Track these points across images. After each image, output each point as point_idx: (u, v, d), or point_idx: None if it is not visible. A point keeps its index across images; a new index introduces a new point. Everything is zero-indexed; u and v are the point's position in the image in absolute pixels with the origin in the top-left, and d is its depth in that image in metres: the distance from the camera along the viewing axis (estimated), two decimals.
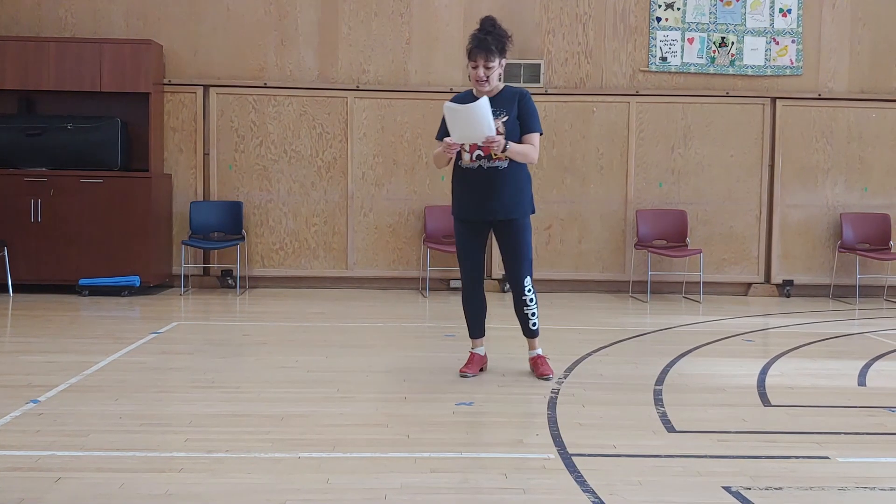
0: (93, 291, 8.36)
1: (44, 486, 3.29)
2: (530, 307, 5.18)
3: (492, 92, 4.98)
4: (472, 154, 4.97)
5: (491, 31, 4.91)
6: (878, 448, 3.99)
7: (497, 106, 4.93)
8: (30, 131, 8.56)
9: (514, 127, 4.96)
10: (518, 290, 5.15)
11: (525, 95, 5.07)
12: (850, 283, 9.15)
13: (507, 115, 4.95)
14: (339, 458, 3.68)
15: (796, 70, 9.30)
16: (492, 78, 4.95)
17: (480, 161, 4.96)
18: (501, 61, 4.98)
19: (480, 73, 4.91)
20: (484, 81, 4.93)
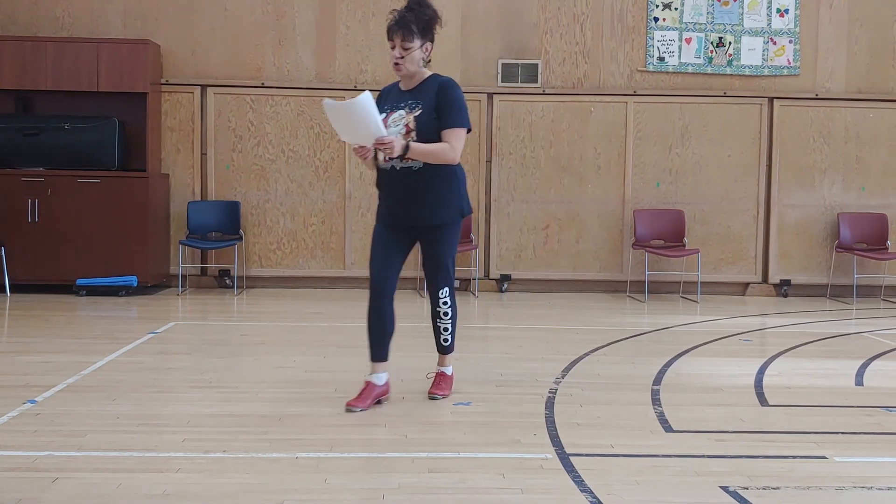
0: (90, 291, 8.35)
1: (41, 487, 3.29)
2: (444, 321, 4.65)
3: (412, 79, 4.41)
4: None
5: (414, 9, 4.33)
6: (876, 448, 4.00)
7: (414, 97, 4.38)
8: (27, 131, 8.55)
9: (430, 123, 4.33)
10: (435, 301, 4.66)
11: (446, 85, 4.40)
12: (848, 283, 9.16)
13: (422, 109, 4.34)
14: (336, 458, 3.68)
15: (793, 70, 9.31)
16: (408, 61, 4.32)
17: (392, 161, 4.37)
18: (425, 44, 4.37)
19: (396, 53, 4.32)
20: (399, 64, 4.33)
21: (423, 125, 4.32)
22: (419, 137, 4.29)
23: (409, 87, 4.44)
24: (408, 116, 4.34)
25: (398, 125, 4.32)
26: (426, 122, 4.32)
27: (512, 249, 9.27)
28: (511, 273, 9.25)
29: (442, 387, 4.71)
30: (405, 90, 4.44)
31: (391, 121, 4.34)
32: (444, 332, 4.69)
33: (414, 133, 4.30)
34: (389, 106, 4.42)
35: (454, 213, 4.48)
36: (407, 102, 4.38)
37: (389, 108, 4.41)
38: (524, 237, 9.26)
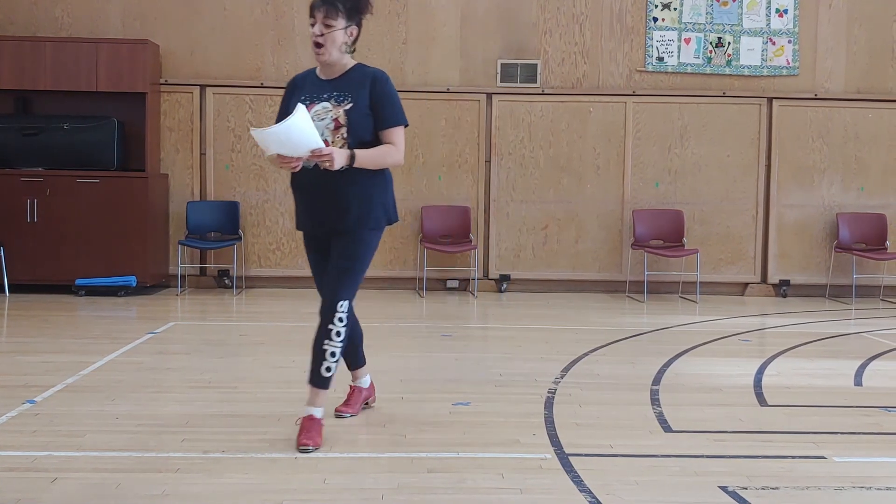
0: (89, 291, 8.35)
1: (40, 487, 3.29)
2: (334, 342, 3.87)
3: (334, 67, 3.95)
4: None
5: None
6: (875, 448, 4.00)
7: (339, 89, 3.90)
8: (26, 131, 8.54)
9: (363, 119, 3.87)
10: (329, 314, 3.87)
11: (380, 78, 4.01)
12: (847, 283, 9.17)
13: (353, 103, 3.87)
14: (336, 458, 3.68)
15: (793, 70, 9.31)
16: (330, 42, 3.88)
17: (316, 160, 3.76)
18: (350, 27, 3.95)
19: (315, 31, 3.85)
20: (320, 45, 3.87)
21: (355, 121, 3.84)
22: (351, 135, 3.81)
23: (331, 75, 3.96)
24: (335, 110, 3.84)
25: (324, 119, 3.82)
26: (359, 118, 3.86)
27: (511, 249, 9.27)
28: (510, 273, 9.25)
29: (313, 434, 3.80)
30: (326, 79, 3.96)
31: (313, 113, 3.80)
32: (330, 359, 3.86)
33: (345, 129, 3.81)
34: (307, 96, 3.90)
35: (382, 218, 3.96)
36: (331, 94, 3.88)
37: (308, 98, 3.89)
38: (523, 237, 9.26)
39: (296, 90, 3.99)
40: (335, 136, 3.81)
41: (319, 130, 3.73)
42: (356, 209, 3.87)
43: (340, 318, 3.89)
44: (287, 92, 4.05)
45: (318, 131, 3.71)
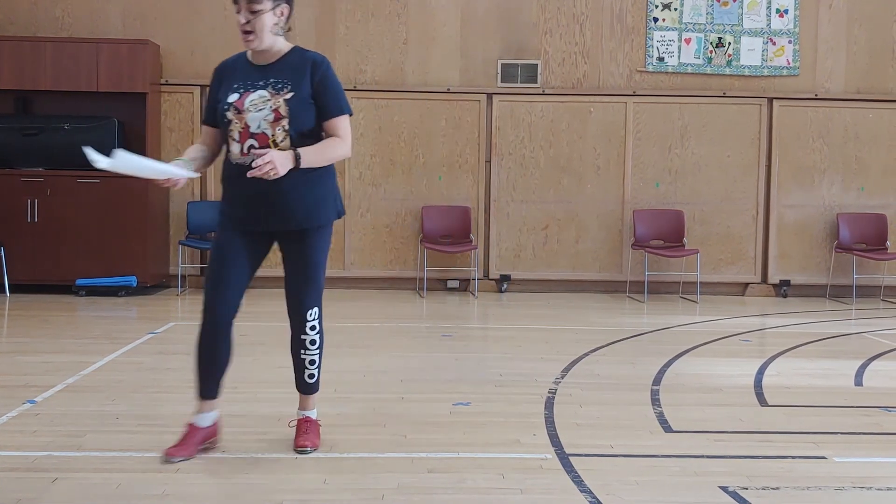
0: (89, 292, 8.35)
1: (41, 487, 3.29)
2: (310, 351, 3.79)
3: (267, 53, 3.57)
4: (243, 145, 3.50)
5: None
6: (875, 448, 4.00)
7: (276, 75, 3.54)
8: (26, 131, 8.55)
9: (305, 109, 3.51)
10: (299, 325, 3.79)
11: (322, 63, 3.61)
12: (847, 283, 9.16)
13: (294, 91, 3.50)
14: (336, 458, 3.68)
15: (793, 70, 9.31)
16: (259, 27, 3.51)
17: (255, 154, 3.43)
18: (279, 6, 3.55)
19: (241, 18, 3.54)
20: (248, 32, 3.53)
21: (297, 112, 3.49)
22: (292, 126, 3.47)
23: (265, 61, 3.58)
24: (274, 99, 3.47)
25: (262, 109, 3.47)
26: (301, 108, 3.50)
27: (511, 250, 9.27)
28: (510, 273, 9.25)
29: (311, 436, 3.78)
30: (259, 65, 3.59)
31: (249, 103, 3.48)
32: (310, 367, 3.80)
33: (286, 121, 3.46)
34: (240, 84, 3.55)
35: (331, 213, 3.70)
36: (268, 81, 3.52)
37: (241, 86, 3.54)
38: (523, 237, 9.26)
39: (224, 78, 3.62)
40: (275, 128, 3.46)
41: (256, 122, 3.46)
42: (304, 210, 3.58)
43: (313, 326, 3.79)
44: (214, 80, 3.66)
45: (255, 123, 3.46)
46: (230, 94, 3.53)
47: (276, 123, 3.47)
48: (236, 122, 3.49)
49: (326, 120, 3.56)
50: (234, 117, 3.49)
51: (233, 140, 3.51)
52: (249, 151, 3.45)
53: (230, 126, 3.50)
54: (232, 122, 3.50)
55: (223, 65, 3.69)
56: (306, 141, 3.50)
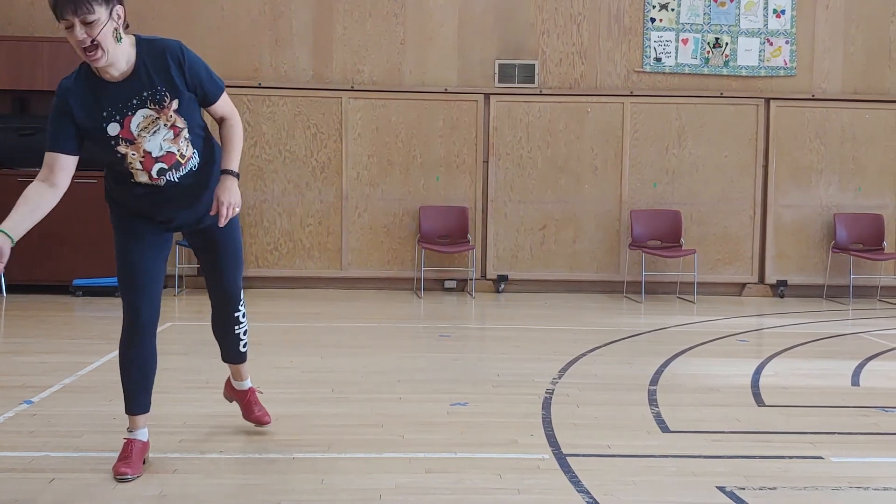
0: (87, 292, 8.34)
1: (37, 488, 3.29)
2: (242, 324, 3.82)
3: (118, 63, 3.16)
4: (150, 172, 3.30)
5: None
6: (872, 448, 4.00)
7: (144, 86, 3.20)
8: (23, 131, 8.54)
9: (193, 106, 3.32)
10: (234, 305, 3.74)
11: (178, 50, 3.26)
12: (844, 284, 9.17)
13: (173, 95, 3.23)
14: (333, 458, 3.68)
15: (790, 71, 9.32)
16: (102, 39, 3.06)
17: (170, 174, 3.32)
18: (115, 9, 3.09)
19: (79, 36, 3.03)
20: (94, 48, 3.06)
21: (188, 115, 3.30)
22: (191, 133, 3.32)
23: (121, 72, 3.19)
24: (164, 115, 3.23)
25: (156, 132, 3.25)
26: (190, 109, 3.30)
27: (509, 250, 9.27)
28: (508, 273, 9.25)
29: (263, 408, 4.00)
30: (119, 80, 3.19)
31: (137, 129, 3.22)
32: (245, 336, 3.86)
33: (185, 130, 3.29)
34: (111, 110, 3.21)
35: None
36: (140, 96, 3.20)
37: (114, 111, 3.21)
38: (521, 237, 9.26)
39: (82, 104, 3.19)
40: (177, 144, 3.29)
41: (157, 146, 3.24)
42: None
43: (243, 302, 3.80)
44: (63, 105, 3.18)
45: (156, 147, 3.24)
46: (106, 124, 3.20)
47: (178, 139, 3.29)
48: (133, 153, 3.24)
49: (213, 104, 3.37)
50: (129, 149, 3.24)
51: (136, 170, 3.28)
52: (160, 175, 3.29)
53: (126, 159, 3.25)
54: (128, 155, 3.25)
55: (68, 89, 3.20)
56: (201, 134, 3.38)
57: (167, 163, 3.29)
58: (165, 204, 3.38)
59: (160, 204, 3.38)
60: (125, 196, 3.41)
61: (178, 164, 3.32)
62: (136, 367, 3.45)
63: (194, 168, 3.38)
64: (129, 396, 3.49)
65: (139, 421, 3.52)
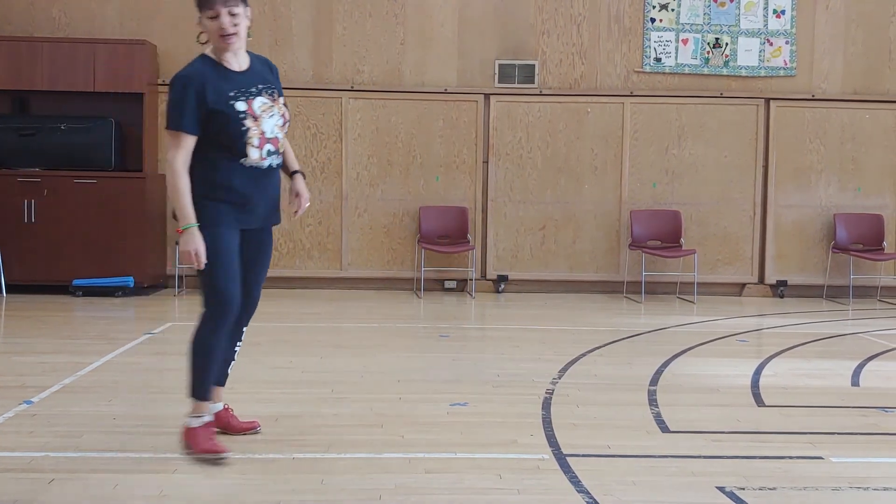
0: (86, 292, 8.34)
1: (37, 488, 3.29)
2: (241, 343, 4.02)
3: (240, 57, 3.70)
4: (262, 150, 3.66)
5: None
6: (872, 448, 4.00)
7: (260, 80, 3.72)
8: (23, 132, 8.53)
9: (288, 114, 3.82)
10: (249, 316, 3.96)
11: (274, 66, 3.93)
12: (844, 284, 9.17)
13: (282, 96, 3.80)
14: (333, 458, 3.68)
15: (790, 71, 9.32)
16: (239, 30, 3.62)
17: (271, 157, 3.70)
18: (248, 12, 3.68)
19: (224, 22, 3.57)
20: (232, 35, 3.59)
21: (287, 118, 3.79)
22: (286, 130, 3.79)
23: (240, 66, 3.68)
24: (276, 105, 3.71)
25: (272, 115, 3.67)
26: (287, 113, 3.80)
27: (509, 250, 9.27)
28: (508, 273, 9.25)
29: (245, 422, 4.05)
30: (238, 70, 3.67)
31: (259, 108, 3.64)
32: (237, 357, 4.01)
33: (286, 125, 3.77)
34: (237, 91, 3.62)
35: None
36: (257, 86, 3.68)
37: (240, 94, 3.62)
38: (521, 238, 9.26)
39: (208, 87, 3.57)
40: (282, 132, 3.74)
41: (270, 128, 3.66)
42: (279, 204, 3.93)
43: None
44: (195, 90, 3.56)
45: (269, 129, 3.65)
46: (234, 102, 3.59)
47: (283, 128, 3.74)
48: (254, 128, 3.62)
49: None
50: (252, 125, 3.61)
51: (251, 146, 3.62)
52: (268, 156, 3.67)
53: (248, 133, 3.60)
54: (250, 130, 3.61)
55: (194, 74, 3.62)
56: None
57: (274, 145, 3.70)
58: (261, 186, 3.72)
59: (258, 184, 3.70)
60: (231, 177, 3.64)
61: (277, 152, 3.73)
62: (220, 352, 3.74)
63: (280, 163, 3.80)
64: (206, 380, 3.72)
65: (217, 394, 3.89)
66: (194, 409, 3.72)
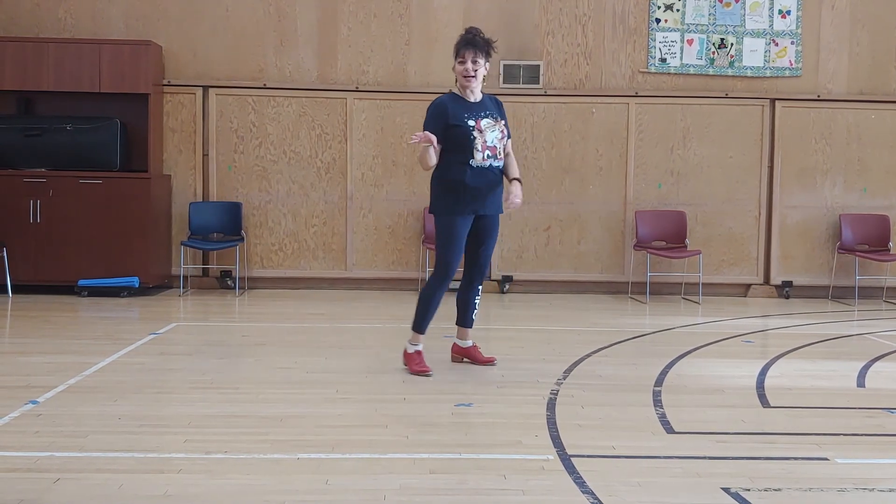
0: (92, 292, 8.35)
1: (42, 487, 3.29)
2: (479, 297, 5.55)
3: (476, 93, 5.31)
4: (483, 153, 5.18)
5: (479, 34, 5.36)
6: (877, 449, 4.00)
7: (487, 109, 5.28)
8: (29, 132, 8.55)
9: (507, 131, 5.34)
10: (481, 279, 5.50)
11: (502, 105, 5.47)
12: (849, 285, 9.15)
13: (503, 120, 5.32)
14: (337, 459, 3.68)
15: (795, 71, 9.30)
16: (477, 75, 5.26)
17: (490, 160, 5.20)
18: (487, 64, 5.35)
19: (469, 67, 5.25)
20: (471, 77, 5.24)
21: (507, 134, 5.33)
22: (505, 143, 5.30)
23: (476, 99, 5.31)
24: (498, 124, 5.25)
25: (493, 131, 5.20)
26: (506, 131, 5.31)
27: (513, 250, 9.26)
28: (512, 274, 9.25)
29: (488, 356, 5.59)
30: (474, 101, 5.29)
31: (484, 125, 5.18)
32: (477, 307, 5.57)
33: (504, 139, 5.27)
34: (470, 114, 5.20)
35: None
36: (486, 112, 5.25)
37: (472, 115, 5.19)
38: (526, 238, 9.26)
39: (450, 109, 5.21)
40: (501, 143, 5.25)
41: (492, 139, 5.18)
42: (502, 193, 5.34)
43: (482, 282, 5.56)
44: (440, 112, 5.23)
45: (491, 139, 5.18)
46: (467, 119, 5.18)
47: (502, 140, 5.26)
48: (479, 138, 5.16)
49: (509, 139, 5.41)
50: (478, 136, 5.17)
51: (476, 150, 5.15)
52: (487, 159, 5.17)
53: (475, 141, 5.15)
54: (477, 139, 5.16)
55: (442, 101, 5.31)
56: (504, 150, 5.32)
57: (492, 152, 5.20)
58: (485, 182, 5.19)
59: (483, 179, 5.18)
60: (463, 174, 5.16)
61: (496, 157, 5.22)
62: (438, 301, 5.33)
63: (500, 167, 5.28)
64: (427, 320, 5.35)
65: (422, 338, 5.39)
66: (412, 339, 5.38)
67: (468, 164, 5.15)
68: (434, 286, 5.32)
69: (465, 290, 5.47)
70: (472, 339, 5.58)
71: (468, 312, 5.48)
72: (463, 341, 5.56)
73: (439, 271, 5.29)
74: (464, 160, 5.15)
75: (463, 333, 5.55)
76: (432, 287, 5.33)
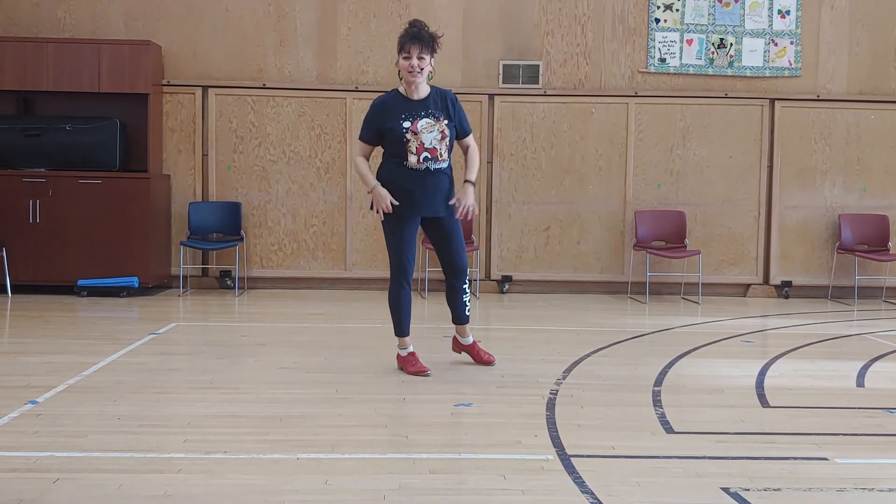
0: (91, 292, 8.35)
1: (42, 488, 3.29)
2: (467, 294, 5.41)
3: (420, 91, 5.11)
4: (419, 156, 5.05)
5: (425, 28, 5.19)
6: (877, 449, 4.00)
7: (429, 107, 5.09)
8: (28, 132, 8.55)
9: (452, 130, 5.14)
10: (461, 278, 5.34)
11: (454, 96, 5.26)
12: (849, 285, 9.16)
13: (445, 118, 5.11)
14: (337, 458, 3.68)
15: (795, 71, 9.31)
16: (423, 72, 5.07)
17: (427, 163, 5.07)
18: (432, 60, 5.12)
19: (414, 63, 5.02)
20: (417, 72, 5.03)
21: (451, 134, 5.10)
22: (448, 143, 5.11)
23: (419, 97, 5.11)
24: (439, 124, 5.06)
25: (432, 132, 5.04)
26: (451, 131, 5.10)
27: (513, 250, 9.27)
28: (512, 274, 9.25)
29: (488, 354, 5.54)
30: (415, 100, 5.10)
31: (421, 127, 5.01)
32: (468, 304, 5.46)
33: (447, 140, 5.08)
34: (407, 114, 5.05)
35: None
36: (427, 111, 5.06)
37: (408, 116, 5.04)
38: (525, 238, 9.26)
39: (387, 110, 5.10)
40: (441, 145, 5.07)
41: (429, 140, 5.01)
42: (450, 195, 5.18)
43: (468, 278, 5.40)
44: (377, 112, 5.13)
45: (428, 141, 5.01)
46: (403, 121, 5.03)
47: (442, 142, 5.07)
48: (413, 140, 5.03)
49: (463, 138, 5.26)
50: (412, 137, 5.03)
51: (410, 153, 5.04)
52: (424, 162, 5.04)
53: (409, 144, 5.02)
54: (410, 141, 5.03)
55: (382, 101, 5.17)
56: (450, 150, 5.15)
57: (431, 153, 5.05)
58: (424, 185, 5.06)
59: (421, 182, 5.06)
60: (400, 177, 5.07)
61: (437, 158, 5.06)
62: (405, 303, 5.22)
63: (443, 168, 5.12)
64: (402, 323, 5.25)
65: (408, 340, 5.30)
66: (399, 343, 5.31)
67: (404, 167, 5.08)
68: (393, 288, 5.23)
69: (448, 292, 5.41)
70: (472, 336, 5.55)
71: (458, 311, 5.42)
72: (463, 338, 5.55)
73: (392, 273, 5.22)
74: (399, 162, 5.09)
75: (461, 331, 5.53)
76: (392, 290, 5.24)
